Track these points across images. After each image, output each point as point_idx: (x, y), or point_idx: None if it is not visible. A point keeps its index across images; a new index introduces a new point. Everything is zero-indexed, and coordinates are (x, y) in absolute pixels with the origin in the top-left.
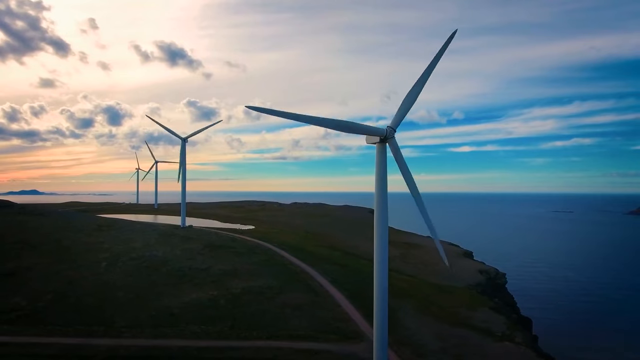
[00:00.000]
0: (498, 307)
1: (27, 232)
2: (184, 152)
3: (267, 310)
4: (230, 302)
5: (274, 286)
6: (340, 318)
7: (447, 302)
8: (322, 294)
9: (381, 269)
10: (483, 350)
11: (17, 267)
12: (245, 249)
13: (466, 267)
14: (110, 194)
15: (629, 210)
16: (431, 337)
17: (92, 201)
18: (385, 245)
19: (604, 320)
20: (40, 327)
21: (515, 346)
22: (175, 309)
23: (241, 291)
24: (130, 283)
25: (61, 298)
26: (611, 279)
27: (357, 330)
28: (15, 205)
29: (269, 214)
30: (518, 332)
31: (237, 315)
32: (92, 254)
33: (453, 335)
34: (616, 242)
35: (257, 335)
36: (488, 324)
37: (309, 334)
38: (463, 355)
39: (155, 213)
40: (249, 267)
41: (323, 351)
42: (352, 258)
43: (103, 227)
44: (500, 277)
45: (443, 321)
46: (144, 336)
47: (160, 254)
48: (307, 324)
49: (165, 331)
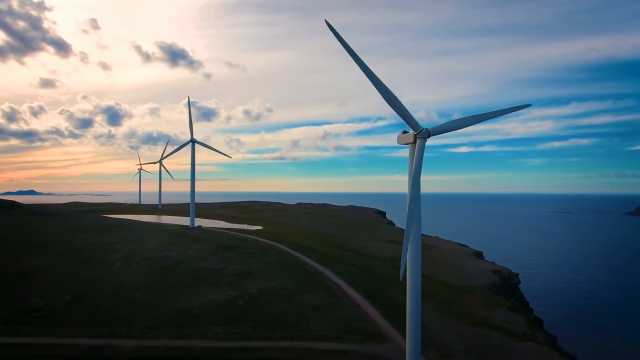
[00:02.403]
0: (515, 307)
1: (37, 233)
2: (193, 154)
3: (287, 310)
4: (249, 303)
5: (290, 287)
6: (361, 318)
7: (465, 302)
8: (340, 294)
9: (414, 270)
10: (507, 350)
11: (29, 268)
12: (258, 250)
13: (478, 268)
14: (108, 194)
15: (627, 211)
16: (454, 337)
17: (91, 201)
18: (419, 247)
19: (611, 322)
20: (61, 328)
21: (539, 346)
22: (195, 309)
23: (258, 292)
24: (146, 284)
25: (79, 299)
26: (617, 280)
27: (379, 331)
28: (22, 206)
29: (274, 215)
30: (539, 331)
31: (257, 316)
32: (105, 255)
33: (475, 335)
34: (618, 242)
35: (281, 336)
36: (508, 323)
37: (332, 335)
38: (488, 355)
39: (159, 213)
40: (264, 268)
41: (349, 352)
42: (364, 259)
43: (112, 228)
44: (513, 277)
45: (464, 321)
46: (166, 337)
47: (173, 255)
48: (328, 325)
49: (187, 332)
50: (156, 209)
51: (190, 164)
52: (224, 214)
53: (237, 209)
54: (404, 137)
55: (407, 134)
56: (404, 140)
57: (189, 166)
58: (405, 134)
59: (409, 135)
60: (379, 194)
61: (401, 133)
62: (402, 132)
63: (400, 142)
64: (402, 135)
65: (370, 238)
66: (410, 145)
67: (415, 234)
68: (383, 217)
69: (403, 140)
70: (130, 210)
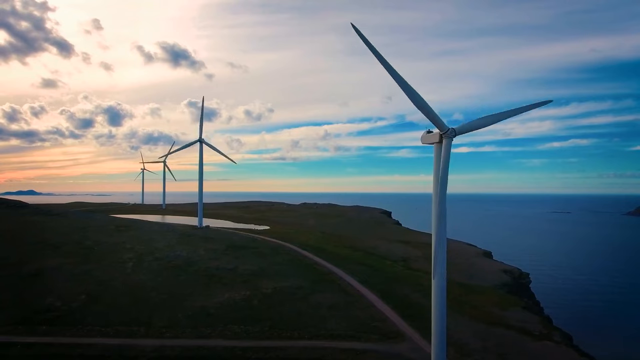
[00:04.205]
0: (529, 307)
1: (47, 233)
2: (201, 153)
3: (303, 310)
4: (264, 303)
5: (304, 286)
6: (377, 318)
7: (479, 302)
8: (354, 294)
9: (440, 271)
10: (525, 349)
11: (42, 268)
12: (268, 250)
13: (489, 267)
14: (108, 195)
15: (627, 211)
16: (471, 337)
17: (92, 201)
18: (444, 247)
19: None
20: (79, 327)
21: (556, 345)
22: (211, 309)
23: (272, 291)
24: (160, 283)
25: (95, 298)
26: (621, 280)
27: (396, 330)
28: (29, 206)
29: (279, 215)
30: (555, 331)
31: (274, 315)
32: (117, 255)
33: (491, 334)
34: (620, 243)
35: (299, 336)
36: (524, 323)
37: (349, 334)
38: (506, 354)
39: (163, 213)
40: (276, 268)
41: (369, 351)
42: (375, 258)
43: (121, 228)
44: (524, 277)
45: (479, 321)
46: (185, 336)
47: (184, 254)
48: (345, 324)
49: (205, 331)
50: (160, 208)
51: (197, 164)
52: (229, 214)
53: (241, 209)
54: (429, 137)
55: (432, 133)
56: (429, 140)
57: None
58: (429, 133)
59: (434, 134)
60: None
61: (425, 132)
62: (427, 132)
63: (424, 141)
64: (426, 135)
65: (378, 238)
66: (435, 144)
67: (440, 234)
68: (389, 217)
69: (428, 140)
70: (134, 210)
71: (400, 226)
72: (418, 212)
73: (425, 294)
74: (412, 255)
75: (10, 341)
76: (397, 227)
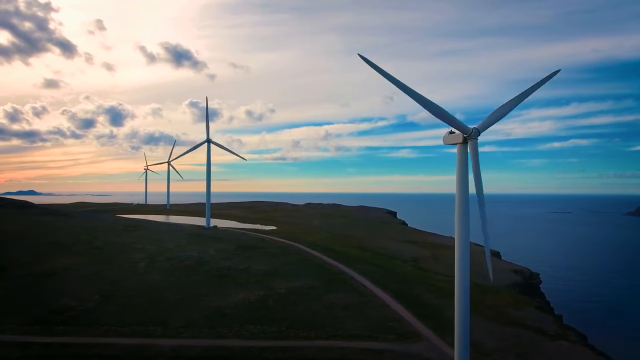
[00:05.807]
0: (543, 307)
1: (57, 233)
2: (209, 153)
3: (318, 310)
4: (278, 303)
5: (317, 286)
6: (392, 318)
7: (493, 302)
8: (367, 294)
9: (463, 271)
10: (541, 349)
11: (55, 268)
12: (278, 250)
13: (499, 268)
14: (108, 195)
15: (627, 212)
16: (487, 337)
17: (94, 201)
18: (467, 248)
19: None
20: (96, 327)
21: (572, 345)
22: (227, 309)
23: (286, 291)
24: (173, 283)
25: (110, 298)
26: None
27: (413, 330)
28: (36, 206)
29: (284, 215)
30: (569, 330)
31: (289, 315)
32: (128, 255)
33: (508, 334)
34: (621, 243)
35: (316, 336)
36: (539, 323)
37: (366, 334)
38: (524, 354)
39: (168, 213)
40: (288, 268)
41: (386, 351)
42: (384, 258)
43: (130, 228)
44: (534, 277)
45: (494, 321)
46: (203, 336)
47: (195, 255)
48: (361, 324)
49: (222, 331)
50: (164, 209)
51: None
52: (235, 214)
53: (246, 209)
54: (451, 138)
55: (454, 134)
56: (452, 141)
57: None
58: (452, 134)
59: (457, 135)
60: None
61: (447, 133)
62: (449, 133)
63: (447, 142)
64: (449, 136)
65: (385, 238)
66: (458, 145)
67: (464, 235)
68: (394, 217)
69: (450, 141)
70: (138, 211)
71: (406, 226)
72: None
73: (438, 294)
74: (422, 255)
75: (28, 341)
76: (403, 227)
